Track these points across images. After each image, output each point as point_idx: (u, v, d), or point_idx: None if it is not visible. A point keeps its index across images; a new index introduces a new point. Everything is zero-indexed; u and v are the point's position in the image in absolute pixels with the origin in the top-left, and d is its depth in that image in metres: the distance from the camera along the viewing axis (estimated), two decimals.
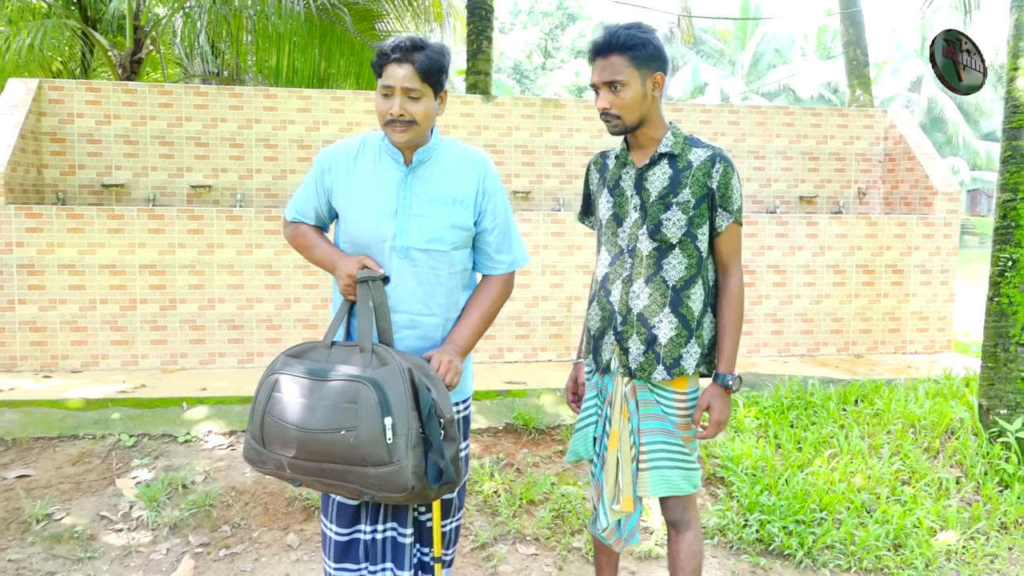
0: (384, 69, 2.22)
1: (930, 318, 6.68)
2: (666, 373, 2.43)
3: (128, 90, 6.49)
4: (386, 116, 2.23)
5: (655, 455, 2.45)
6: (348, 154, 2.36)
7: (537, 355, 6.22)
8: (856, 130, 7.46)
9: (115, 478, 4.18)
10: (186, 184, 6.60)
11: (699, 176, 2.40)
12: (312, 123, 6.74)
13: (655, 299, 2.43)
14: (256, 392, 2.22)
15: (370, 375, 2.09)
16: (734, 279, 2.48)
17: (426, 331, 2.33)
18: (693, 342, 2.45)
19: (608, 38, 2.34)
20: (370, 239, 2.29)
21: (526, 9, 46.01)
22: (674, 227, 2.40)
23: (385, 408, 2.03)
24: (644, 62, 2.33)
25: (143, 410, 4.81)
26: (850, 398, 5.22)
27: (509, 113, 7.01)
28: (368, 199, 2.30)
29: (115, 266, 5.68)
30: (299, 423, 2.09)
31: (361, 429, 2.02)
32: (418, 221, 2.28)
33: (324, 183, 2.36)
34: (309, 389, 2.12)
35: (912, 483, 4.18)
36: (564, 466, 4.51)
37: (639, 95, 2.35)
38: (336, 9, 9.43)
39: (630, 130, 2.41)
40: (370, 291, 2.22)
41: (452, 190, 2.33)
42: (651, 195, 2.42)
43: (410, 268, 2.28)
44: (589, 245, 6.19)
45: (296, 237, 2.45)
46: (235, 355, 5.87)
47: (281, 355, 2.26)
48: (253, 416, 2.20)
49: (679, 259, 2.42)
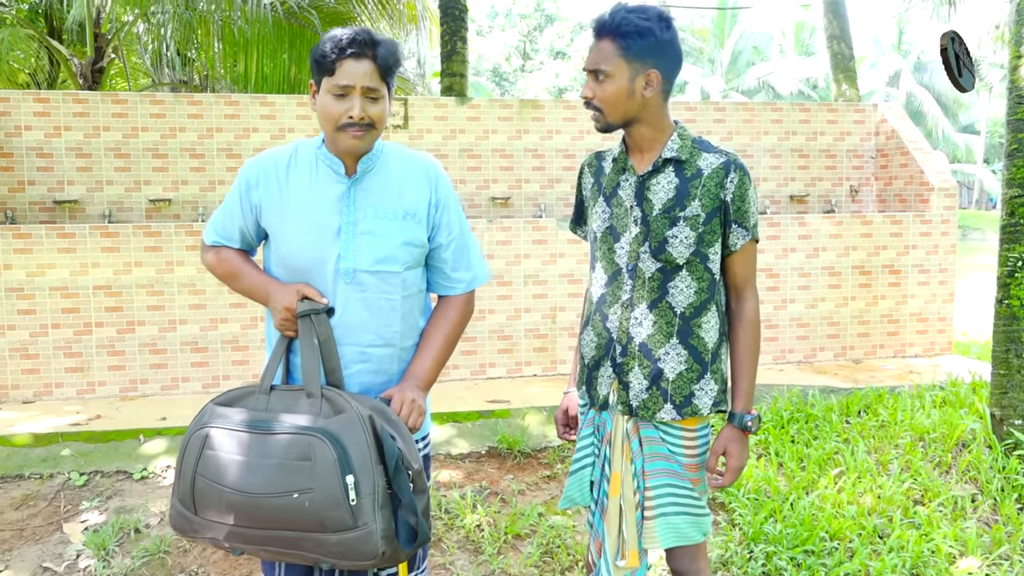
0: (338, 66, 1.89)
1: (930, 319, 6.42)
2: (676, 412, 2.10)
3: (79, 100, 6.11)
4: (340, 119, 1.90)
5: (662, 500, 2.13)
6: (278, 165, 2.03)
7: (521, 370, 5.90)
8: (846, 125, 7.20)
9: (62, 523, 3.83)
10: (144, 198, 6.24)
11: (710, 186, 2.06)
12: (277, 130, 6.40)
13: (660, 328, 2.10)
14: (182, 449, 1.88)
15: (323, 426, 1.77)
16: (749, 304, 2.15)
17: (379, 364, 2.02)
18: (708, 377, 2.13)
19: (606, 19, 2.01)
20: (309, 262, 1.97)
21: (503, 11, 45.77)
22: (681, 245, 2.06)
23: (345, 465, 1.73)
24: (637, 55, 2.00)
25: (96, 444, 4.45)
26: (853, 409, 4.94)
27: (485, 115, 6.70)
28: (305, 217, 1.97)
29: (67, 288, 5.31)
30: (239, 486, 1.77)
31: (318, 491, 1.72)
32: (365, 240, 1.97)
33: (250, 199, 2.03)
34: (249, 445, 1.79)
35: (926, 502, 3.90)
36: (552, 493, 4.20)
37: (623, 91, 2.02)
38: (305, 12, 9.09)
39: (612, 128, 2.09)
40: (313, 326, 1.90)
41: (402, 203, 2.02)
42: (654, 207, 2.09)
43: (358, 294, 1.97)
44: (573, 252, 5.88)
45: (219, 264, 2.12)
46: (199, 379, 5.51)
47: (209, 404, 1.92)
48: (181, 478, 1.86)
49: (687, 282, 2.09)
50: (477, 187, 6.69)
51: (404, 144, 2.47)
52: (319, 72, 1.93)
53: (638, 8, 2.02)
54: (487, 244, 5.75)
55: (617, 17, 1.99)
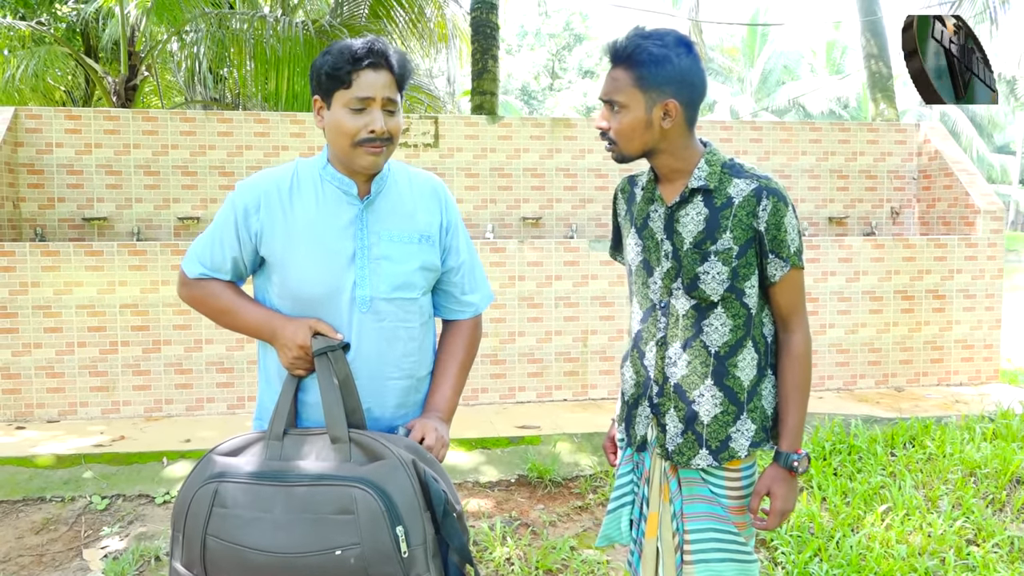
0: (355, 77, 1.76)
1: (975, 346, 6.18)
2: (712, 459, 1.95)
3: (110, 117, 6.10)
4: (359, 135, 1.77)
5: (703, 546, 1.98)
6: (280, 188, 1.85)
7: (551, 394, 5.75)
8: (887, 146, 7.00)
9: (82, 548, 3.74)
10: (173, 216, 6.20)
11: (741, 216, 1.90)
12: (307, 148, 6.34)
13: (695, 368, 1.96)
14: (182, 508, 1.69)
15: (363, 475, 1.62)
16: (797, 336, 1.98)
17: (398, 397, 1.89)
18: (745, 418, 1.97)
19: (621, 46, 1.86)
20: (322, 292, 1.81)
21: (533, 31, 45.93)
22: (714, 282, 1.91)
23: (394, 515, 1.59)
24: (653, 84, 1.85)
25: (119, 467, 4.38)
26: (898, 440, 4.73)
27: (517, 134, 6.60)
28: (315, 243, 1.82)
29: (94, 306, 5.26)
30: (266, 546, 1.60)
31: (365, 546, 1.57)
32: (382, 265, 1.84)
33: (248, 227, 1.84)
34: (270, 499, 1.63)
35: (980, 542, 3.69)
36: (584, 525, 4.05)
37: (640, 123, 1.87)
38: (336, 31, 9.08)
39: (629, 160, 1.94)
40: (331, 363, 1.75)
41: (416, 225, 1.90)
42: (684, 241, 1.94)
43: (375, 323, 1.83)
44: (605, 275, 5.75)
45: (207, 299, 1.90)
46: (224, 400, 5.43)
47: (210, 456, 1.74)
48: (187, 541, 1.67)
49: (722, 320, 1.94)
50: (508, 207, 6.59)
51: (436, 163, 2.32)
52: (330, 86, 1.79)
53: (654, 33, 1.87)
54: (518, 265, 5.63)
55: (631, 44, 1.85)
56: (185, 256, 1.92)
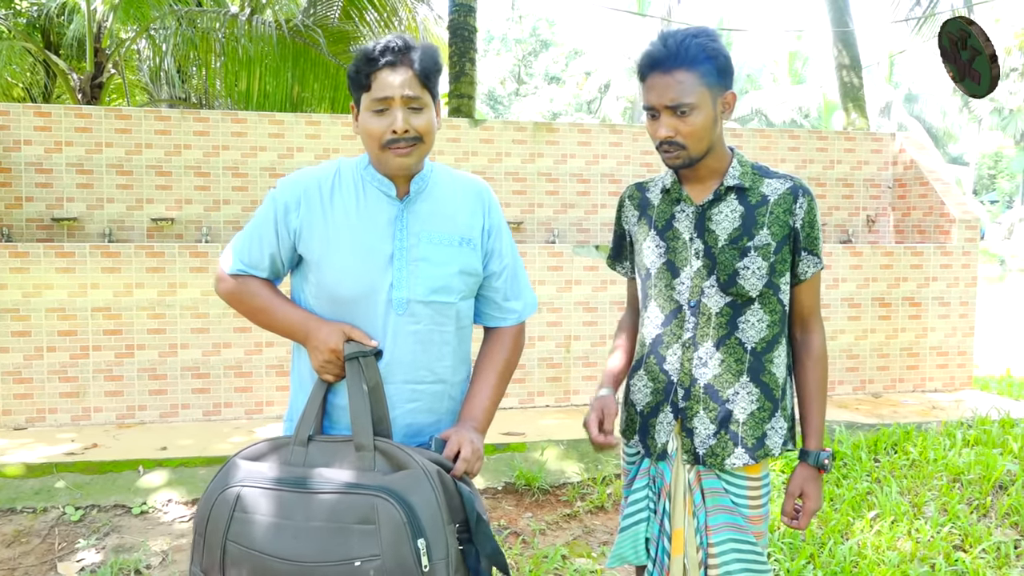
0: (373, 78, 1.74)
1: (950, 353, 6.27)
2: (748, 457, 1.95)
3: (82, 115, 5.92)
4: (384, 136, 1.74)
5: (726, 557, 1.96)
6: (321, 186, 1.83)
7: (533, 400, 5.70)
8: (863, 155, 7.09)
9: (56, 561, 3.59)
10: (146, 217, 6.03)
11: (778, 213, 1.95)
12: (285, 150, 6.22)
13: (728, 366, 1.96)
14: (204, 511, 1.66)
15: (386, 484, 1.58)
16: (818, 336, 2.04)
17: (430, 402, 1.85)
18: (779, 416, 2.00)
19: (674, 49, 1.85)
20: (359, 293, 1.78)
21: (499, 36, 45.98)
22: (754, 277, 1.93)
23: (416, 528, 1.55)
24: (716, 79, 1.87)
25: (93, 476, 4.22)
26: (881, 446, 4.76)
27: (499, 138, 6.55)
28: (354, 243, 1.79)
29: (64, 309, 5.09)
30: (285, 554, 1.56)
31: (385, 558, 1.53)
32: (420, 267, 1.80)
33: (288, 224, 1.81)
34: (292, 505, 1.59)
35: (967, 548, 3.72)
36: (574, 533, 4.01)
37: (709, 121, 1.88)
38: (310, 31, 8.96)
39: (694, 163, 1.93)
40: (362, 369, 1.70)
41: (457, 228, 1.86)
42: (719, 239, 1.95)
43: (410, 326, 1.79)
44: (589, 280, 5.72)
45: (243, 296, 1.87)
46: (200, 406, 5.29)
47: (235, 459, 1.71)
48: (207, 545, 1.64)
49: (759, 316, 1.96)
50: None
51: None
52: (356, 90, 1.78)
53: (701, 31, 1.89)
54: None
55: (691, 45, 1.84)
56: (224, 252, 1.90)
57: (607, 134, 6.74)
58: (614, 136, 6.73)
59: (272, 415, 5.35)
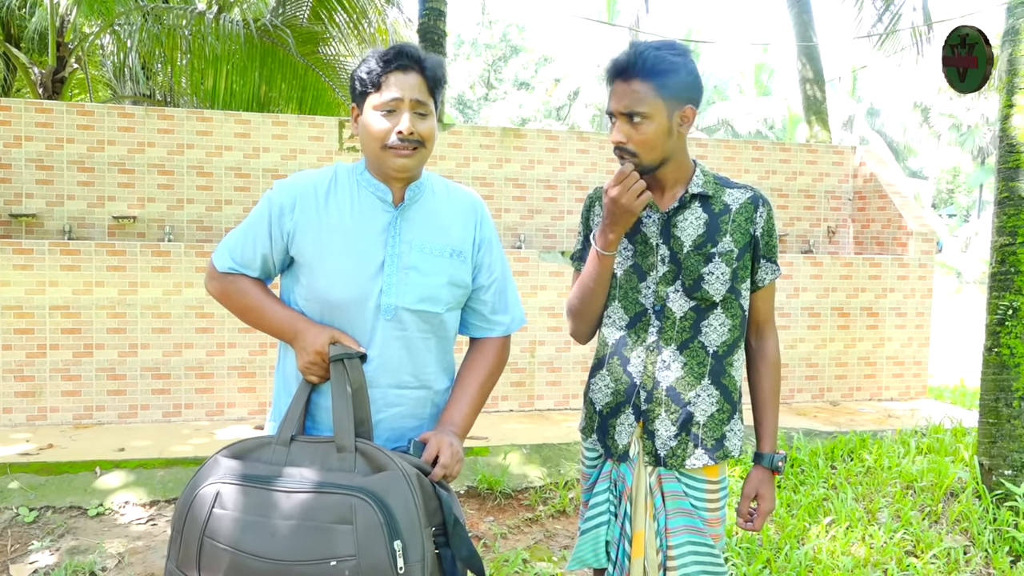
0: (384, 80, 1.77)
1: (906, 363, 6.41)
2: (708, 458, 2.00)
3: (42, 109, 5.82)
4: (387, 137, 1.77)
5: (684, 560, 2.01)
6: (317, 190, 1.85)
7: (497, 404, 5.72)
8: (825, 167, 7.23)
9: (9, 564, 3.53)
10: (108, 215, 5.95)
11: (740, 221, 2.02)
12: (251, 150, 6.18)
13: (691, 369, 2.01)
14: (183, 507, 1.66)
15: (365, 485, 1.59)
16: (771, 342, 2.12)
17: (413, 408, 1.88)
18: (737, 418, 2.06)
19: (632, 59, 1.90)
20: (348, 297, 1.80)
21: (469, 40, 45.99)
22: (718, 282, 1.99)
23: (393, 529, 1.56)
24: (673, 92, 1.91)
25: (48, 477, 4.15)
26: (838, 453, 4.86)
27: (467, 143, 6.56)
28: (347, 248, 1.80)
29: (22, 307, 5.00)
30: (261, 552, 1.57)
31: (361, 558, 1.54)
32: (410, 275, 1.82)
33: (282, 226, 1.83)
34: (270, 504, 1.60)
35: (919, 554, 3.81)
36: (535, 537, 4.03)
37: (662, 131, 1.92)
38: (278, 31, 8.89)
39: (648, 171, 1.98)
40: (346, 371, 1.72)
41: (448, 239, 1.89)
42: (684, 244, 2.01)
43: (397, 332, 1.82)
44: (554, 285, 5.75)
45: (234, 294, 1.89)
46: (159, 407, 5.22)
47: (217, 455, 1.71)
48: (184, 541, 1.64)
49: (721, 320, 2.02)
50: None
51: None
52: (363, 90, 1.80)
53: (665, 44, 1.94)
54: None
55: (650, 56, 1.89)
56: (216, 249, 1.91)
57: (574, 141, 6.79)
58: (581, 143, 6.79)
59: (233, 417, 5.30)
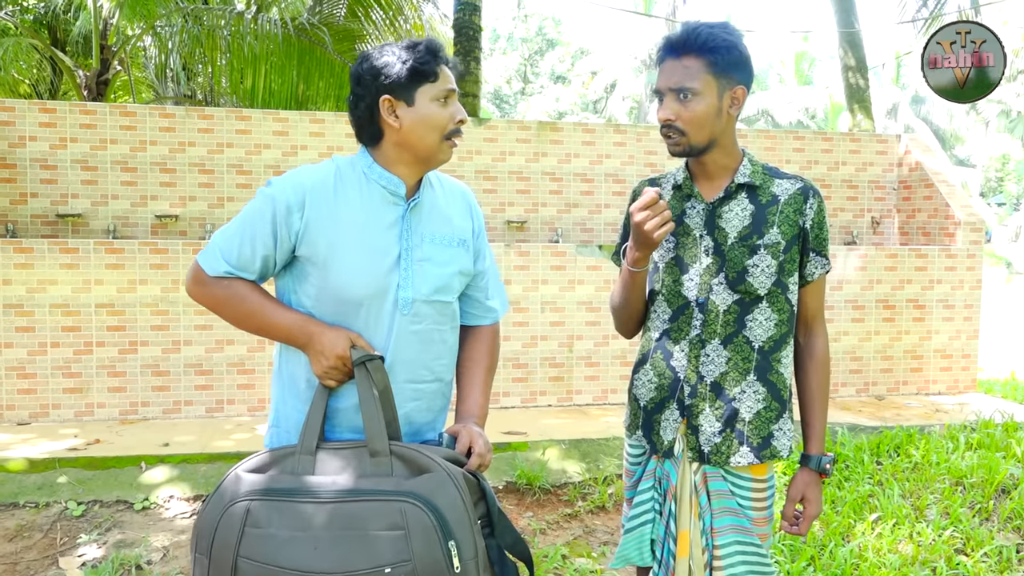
0: (440, 71, 1.78)
1: (954, 356, 6.25)
2: (753, 456, 1.95)
3: (87, 111, 5.94)
4: (449, 126, 1.78)
5: (732, 560, 1.96)
6: (325, 185, 1.77)
7: (536, 399, 5.70)
8: (869, 156, 7.07)
9: (58, 556, 3.61)
10: (150, 214, 6.05)
11: (788, 212, 1.95)
12: (289, 147, 6.23)
13: (735, 364, 1.96)
14: (209, 529, 1.60)
15: (412, 489, 1.58)
16: (821, 339, 2.05)
17: (429, 401, 1.86)
18: (787, 417, 2.00)
19: (685, 35, 1.88)
20: (367, 294, 1.75)
21: (505, 35, 45.96)
22: (763, 275, 1.93)
23: (446, 530, 1.55)
24: (724, 70, 1.88)
25: (95, 471, 4.23)
26: (884, 449, 4.75)
27: (503, 137, 6.55)
28: (362, 243, 1.75)
29: (68, 305, 5.11)
30: (307, 566, 1.54)
31: (417, 562, 1.53)
32: (424, 268, 1.80)
33: (290, 225, 1.72)
34: (307, 516, 1.57)
35: (969, 552, 3.71)
36: (575, 533, 4.00)
37: (712, 110, 1.88)
38: (315, 29, 8.97)
39: (694, 153, 1.94)
40: (370, 374, 1.68)
41: (454, 229, 1.88)
42: (728, 236, 1.96)
43: (414, 326, 1.79)
44: (592, 280, 5.71)
45: (230, 300, 1.76)
46: (203, 403, 5.30)
47: (237, 472, 1.66)
48: (213, 564, 1.59)
49: (767, 314, 1.96)
50: (493, 210, 6.53)
51: None
52: (415, 81, 1.74)
53: (718, 24, 1.91)
54: (504, 269, 5.57)
55: (704, 32, 1.87)
56: (204, 252, 1.77)
57: (611, 134, 6.74)
58: (618, 136, 6.73)
59: None
